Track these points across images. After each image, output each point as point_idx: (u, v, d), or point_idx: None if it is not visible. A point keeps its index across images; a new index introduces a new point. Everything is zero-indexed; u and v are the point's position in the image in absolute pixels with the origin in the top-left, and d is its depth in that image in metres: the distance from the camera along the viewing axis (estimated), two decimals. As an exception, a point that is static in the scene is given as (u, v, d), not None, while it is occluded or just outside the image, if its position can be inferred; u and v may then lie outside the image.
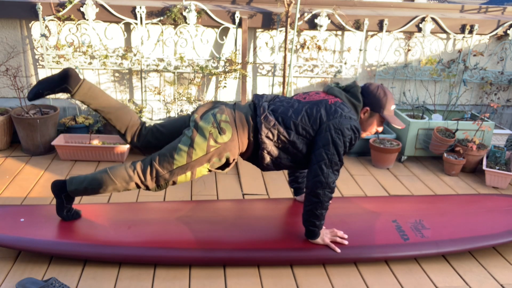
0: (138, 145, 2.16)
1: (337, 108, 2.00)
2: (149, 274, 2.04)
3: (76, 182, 2.10)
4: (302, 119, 2.00)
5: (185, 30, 3.49)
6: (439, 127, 3.46)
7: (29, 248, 2.04)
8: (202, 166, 2.00)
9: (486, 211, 2.56)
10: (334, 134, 1.95)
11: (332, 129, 1.95)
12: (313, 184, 1.99)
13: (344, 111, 1.99)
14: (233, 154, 2.02)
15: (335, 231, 2.19)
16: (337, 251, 2.11)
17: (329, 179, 1.98)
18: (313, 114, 1.99)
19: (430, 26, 3.65)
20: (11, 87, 3.51)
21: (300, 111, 2.01)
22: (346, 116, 1.97)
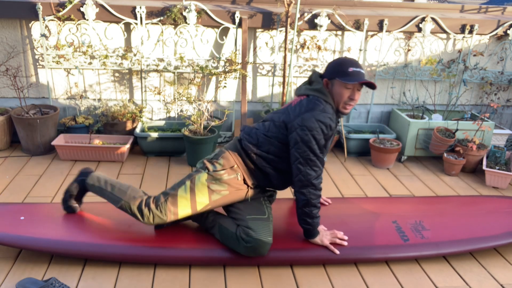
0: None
1: (297, 106, 2.05)
2: (149, 274, 2.04)
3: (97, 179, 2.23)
4: (269, 129, 2.09)
5: (185, 30, 3.49)
6: (439, 127, 3.46)
7: (29, 247, 2.04)
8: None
9: (486, 213, 2.55)
10: (300, 132, 1.98)
11: (297, 128, 1.98)
12: (296, 184, 2.03)
13: (305, 106, 2.02)
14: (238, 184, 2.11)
15: (335, 233, 2.19)
16: (336, 252, 2.11)
17: (308, 177, 1.99)
18: (278, 120, 2.08)
19: (430, 26, 3.65)
20: (11, 87, 3.51)
21: (267, 123, 2.13)
22: (308, 110, 2.00)
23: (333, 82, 2.03)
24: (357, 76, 1.96)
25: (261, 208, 2.13)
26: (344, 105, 2.04)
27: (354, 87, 2.00)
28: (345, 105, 2.04)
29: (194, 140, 3.17)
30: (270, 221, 2.08)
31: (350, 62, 2.00)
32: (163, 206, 2.03)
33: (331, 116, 2.01)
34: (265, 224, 2.04)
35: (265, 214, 2.10)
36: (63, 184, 2.88)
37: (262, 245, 1.99)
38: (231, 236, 2.03)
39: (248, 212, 2.08)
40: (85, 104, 3.62)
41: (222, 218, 2.13)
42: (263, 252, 2.01)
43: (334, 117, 2.04)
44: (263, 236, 1.99)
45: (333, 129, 2.02)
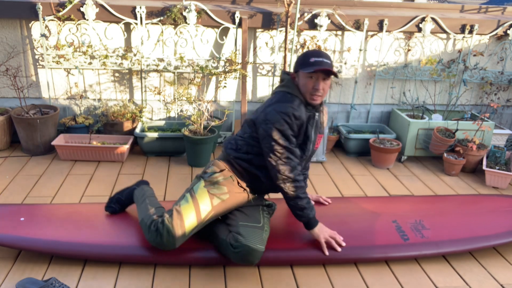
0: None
1: (264, 104, 2.09)
2: (149, 274, 2.04)
3: (141, 193, 2.32)
4: (245, 131, 2.14)
5: (185, 30, 3.49)
6: (439, 127, 3.46)
7: (29, 248, 2.04)
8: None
9: (486, 212, 2.55)
10: (264, 127, 1.99)
11: (262, 123, 2.01)
12: (274, 179, 2.05)
13: (269, 102, 2.07)
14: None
15: (335, 235, 2.17)
16: (325, 253, 2.10)
17: (282, 171, 1.99)
18: (248, 120, 2.13)
19: (430, 26, 3.65)
20: (11, 87, 3.51)
21: (243, 126, 2.18)
22: (271, 104, 2.03)
23: (298, 75, 2.05)
24: (318, 65, 1.95)
25: (257, 217, 2.10)
26: (310, 96, 2.03)
27: (318, 77, 1.99)
28: (311, 95, 2.03)
29: (194, 140, 3.17)
30: (264, 231, 2.05)
31: (312, 53, 2.01)
32: (169, 222, 1.98)
33: (295, 106, 2.00)
34: (257, 232, 2.01)
35: (259, 222, 2.07)
36: (63, 184, 2.88)
37: (251, 252, 1.92)
38: (222, 242, 2.01)
39: (242, 219, 2.06)
40: (85, 104, 3.62)
41: (216, 224, 2.11)
42: (253, 260, 1.95)
43: (300, 107, 2.02)
44: (252, 242, 1.94)
45: (300, 118, 2.00)
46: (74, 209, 2.39)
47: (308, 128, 2.07)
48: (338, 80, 3.82)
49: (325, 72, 1.97)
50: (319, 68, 1.94)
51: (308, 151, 2.12)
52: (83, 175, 3.03)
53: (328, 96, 3.88)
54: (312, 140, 2.12)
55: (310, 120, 2.07)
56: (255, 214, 2.12)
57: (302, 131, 2.05)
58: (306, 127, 2.05)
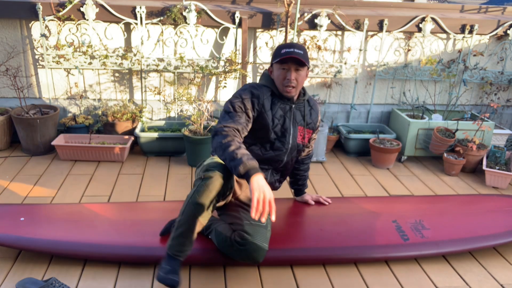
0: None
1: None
2: (149, 274, 2.04)
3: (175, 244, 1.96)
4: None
5: (185, 30, 3.49)
6: (439, 127, 3.46)
7: (29, 248, 2.04)
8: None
9: (486, 212, 2.56)
10: (224, 106, 2.05)
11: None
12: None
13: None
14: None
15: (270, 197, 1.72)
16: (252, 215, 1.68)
17: (216, 126, 1.95)
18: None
19: (430, 26, 3.65)
20: (11, 87, 3.51)
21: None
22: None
23: (273, 68, 2.10)
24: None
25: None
26: (283, 87, 2.06)
27: (290, 68, 2.02)
28: (283, 87, 2.06)
29: (194, 140, 3.17)
30: (268, 230, 2.06)
31: (284, 45, 2.04)
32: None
33: (257, 87, 2.07)
34: (262, 231, 2.01)
35: (263, 222, 2.08)
36: (63, 184, 2.88)
37: (257, 250, 1.94)
38: (225, 241, 1.99)
39: (246, 217, 2.05)
40: (85, 104, 3.62)
41: (219, 223, 2.10)
42: (258, 258, 1.96)
43: (263, 90, 2.06)
44: (258, 241, 1.95)
45: (257, 96, 2.03)
46: (74, 209, 2.39)
47: (285, 120, 2.11)
48: (338, 80, 3.82)
49: (297, 62, 2.00)
50: (286, 56, 1.97)
51: (288, 144, 2.14)
52: (83, 175, 3.03)
53: (328, 96, 3.88)
54: (291, 133, 2.14)
55: (286, 112, 2.11)
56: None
57: (259, 111, 2.05)
58: (274, 115, 2.07)
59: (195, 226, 1.87)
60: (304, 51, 2.03)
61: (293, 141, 2.17)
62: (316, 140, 3.40)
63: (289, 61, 2.00)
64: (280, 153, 2.15)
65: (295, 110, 2.16)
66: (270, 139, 2.11)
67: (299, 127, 2.19)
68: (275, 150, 2.14)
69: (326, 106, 3.88)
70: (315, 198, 2.60)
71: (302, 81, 2.07)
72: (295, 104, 2.16)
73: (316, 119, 2.28)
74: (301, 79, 2.06)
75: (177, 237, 1.89)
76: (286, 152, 2.16)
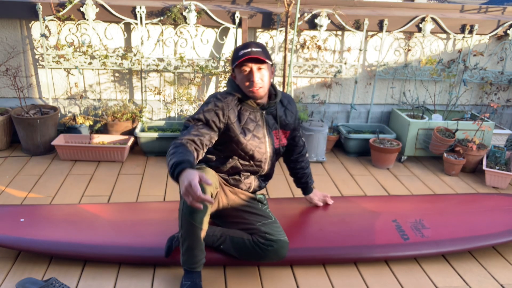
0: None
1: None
2: (149, 274, 2.04)
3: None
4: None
5: (185, 30, 3.49)
6: (439, 127, 3.46)
7: (29, 249, 2.04)
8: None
9: (486, 210, 2.55)
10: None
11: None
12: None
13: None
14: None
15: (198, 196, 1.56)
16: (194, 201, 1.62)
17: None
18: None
19: (430, 26, 3.65)
20: (11, 87, 3.51)
21: None
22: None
23: (235, 73, 1.96)
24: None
25: (266, 213, 2.11)
26: (249, 90, 1.93)
27: (251, 69, 1.89)
28: (249, 89, 1.92)
29: (194, 140, 3.17)
30: (278, 223, 2.07)
31: (240, 47, 1.92)
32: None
33: (220, 97, 1.94)
34: (276, 225, 2.03)
35: (271, 218, 2.08)
36: (63, 184, 2.88)
37: (284, 245, 1.95)
38: (247, 245, 1.97)
39: (256, 219, 2.04)
40: (85, 104, 3.62)
41: (231, 231, 2.07)
42: (285, 253, 1.96)
43: (228, 100, 1.93)
44: (281, 236, 1.97)
45: (221, 108, 1.90)
46: (74, 210, 2.39)
47: (259, 129, 2.00)
48: (338, 80, 3.82)
49: (257, 61, 1.87)
50: (243, 58, 1.85)
51: (266, 153, 2.05)
52: (83, 175, 3.03)
53: (328, 96, 3.88)
54: (267, 141, 2.04)
55: (258, 120, 2.00)
56: (262, 211, 2.12)
57: (225, 123, 1.93)
58: (244, 126, 1.97)
59: (199, 235, 1.86)
60: (262, 47, 1.92)
61: (271, 148, 2.08)
62: (316, 140, 3.40)
63: (248, 62, 1.87)
64: (260, 163, 2.07)
65: (267, 115, 2.04)
66: (246, 151, 2.01)
67: (274, 131, 2.08)
68: (255, 160, 2.05)
69: (326, 106, 3.88)
70: (323, 199, 2.54)
71: (268, 79, 1.95)
72: (266, 109, 2.03)
73: (293, 117, 2.16)
74: (267, 78, 1.93)
75: (186, 251, 1.89)
76: (266, 161, 2.08)
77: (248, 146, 2.00)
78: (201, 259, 1.93)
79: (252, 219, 2.05)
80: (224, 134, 1.97)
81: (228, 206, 2.11)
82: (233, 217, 2.10)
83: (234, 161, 2.05)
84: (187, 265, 1.92)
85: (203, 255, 1.93)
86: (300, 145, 2.33)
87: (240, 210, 2.10)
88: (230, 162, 2.04)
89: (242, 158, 2.05)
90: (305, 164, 2.39)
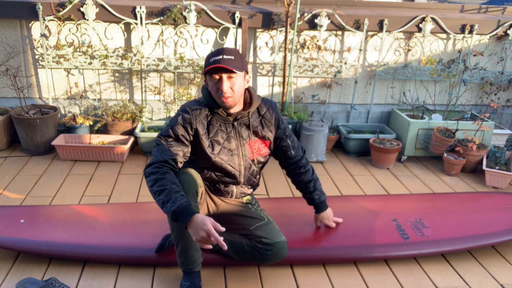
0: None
1: None
2: (149, 274, 2.04)
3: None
4: None
5: (185, 30, 3.49)
6: (439, 127, 3.46)
7: (29, 250, 2.04)
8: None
9: (486, 209, 2.55)
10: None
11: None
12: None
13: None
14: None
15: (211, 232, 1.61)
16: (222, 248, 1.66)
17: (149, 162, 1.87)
18: None
19: (430, 26, 3.65)
20: (11, 87, 3.51)
21: None
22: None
23: (207, 79, 1.87)
24: (213, 64, 1.78)
25: (257, 215, 2.08)
26: (218, 98, 1.83)
27: (221, 77, 1.79)
28: (218, 97, 1.83)
29: (194, 140, 3.17)
30: (272, 222, 2.05)
31: (213, 53, 1.83)
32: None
33: (190, 110, 1.87)
34: (271, 226, 2.01)
35: (264, 218, 2.06)
36: (63, 184, 2.88)
37: (282, 246, 1.93)
38: (246, 250, 1.96)
39: (248, 223, 2.02)
40: (85, 104, 3.62)
41: (229, 235, 2.03)
42: (284, 254, 1.95)
43: (196, 113, 1.87)
44: (278, 237, 1.95)
45: (188, 121, 1.85)
46: (74, 211, 2.39)
47: (230, 141, 1.93)
48: (338, 80, 3.82)
49: (226, 69, 1.77)
50: (211, 67, 1.76)
51: (240, 166, 1.98)
52: (83, 175, 3.03)
53: (328, 96, 3.88)
54: (239, 153, 1.96)
55: (230, 132, 1.93)
56: (254, 213, 2.10)
57: (193, 135, 1.89)
58: (213, 138, 1.90)
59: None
60: (235, 55, 1.81)
61: (245, 161, 1.99)
62: (316, 140, 3.40)
63: (218, 70, 1.78)
64: (234, 176, 1.99)
65: (239, 126, 1.94)
66: (216, 165, 1.93)
67: (248, 142, 1.98)
68: (227, 174, 1.98)
69: (326, 106, 3.88)
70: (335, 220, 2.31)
71: (240, 88, 1.83)
72: (238, 120, 1.93)
73: (271, 126, 2.02)
74: (238, 87, 1.82)
75: (181, 253, 1.88)
76: (240, 174, 2.00)
77: (218, 161, 1.92)
78: (198, 259, 1.92)
79: (244, 222, 2.03)
80: (195, 147, 1.92)
81: (218, 212, 2.09)
82: (226, 222, 2.06)
83: (209, 172, 1.99)
84: (185, 266, 1.92)
85: (199, 254, 1.92)
86: (292, 156, 2.13)
87: (231, 215, 2.08)
88: (205, 174, 1.99)
89: (216, 171, 1.98)
90: (306, 178, 2.17)
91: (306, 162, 2.17)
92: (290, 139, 2.10)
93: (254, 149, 2.00)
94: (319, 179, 2.23)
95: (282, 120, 2.06)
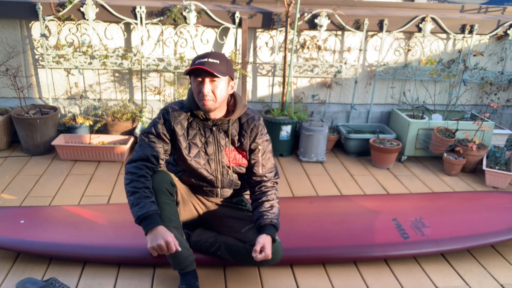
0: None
1: None
2: (149, 274, 2.04)
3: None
4: None
5: (185, 30, 3.49)
6: (439, 127, 3.46)
7: (29, 251, 2.04)
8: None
9: (486, 209, 2.55)
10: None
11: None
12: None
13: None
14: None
15: (167, 244, 1.72)
16: (154, 254, 1.76)
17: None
18: None
19: (430, 26, 3.65)
20: (11, 87, 3.51)
21: None
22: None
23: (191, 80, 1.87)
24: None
25: (248, 216, 2.06)
26: (199, 101, 1.83)
27: (203, 80, 1.78)
28: (199, 100, 1.82)
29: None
30: None
31: (199, 55, 1.82)
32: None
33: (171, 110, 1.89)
34: None
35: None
36: (63, 184, 2.88)
37: (277, 248, 1.88)
38: (242, 253, 1.93)
39: (240, 225, 2.01)
40: (85, 104, 3.62)
41: (224, 237, 2.02)
42: (279, 255, 1.91)
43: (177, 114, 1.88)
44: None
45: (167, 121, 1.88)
46: (74, 211, 2.39)
47: (208, 145, 1.93)
48: (338, 80, 3.82)
49: (209, 72, 1.75)
50: (193, 67, 1.76)
51: (216, 171, 1.97)
52: (83, 175, 3.03)
53: (328, 96, 3.88)
54: (215, 159, 1.95)
55: (208, 136, 1.92)
56: (244, 215, 2.07)
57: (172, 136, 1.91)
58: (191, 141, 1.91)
59: (175, 234, 1.82)
60: (221, 59, 1.79)
61: (222, 167, 1.97)
62: (316, 140, 3.40)
63: (202, 72, 1.77)
64: (210, 181, 1.99)
65: (217, 132, 1.92)
66: (192, 168, 1.94)
67: (225, 149, 1.95)
68: (203, 178, 1.98)
69: (326, 106, 3.88)
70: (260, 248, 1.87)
71: (222, 93, 1.81)
72: (217, 125, 1.92)
73: (249, 139, 1.96)
74: (220, 92, 1.80)
75: (169, 255, 1.83)
76: (217, 179, 1.99)
77: (193, 164, 1.92)
78: (188, 257, 1.89)
79: (236, 224, 2.01)
80: (174, 147, 1.94)
81: (208, 213, 2.09)
82: (218, 224, 2.07)
83: (188, 177, 2.01)
84: (178, 267, 1.90)
85: (188, 252, 1.89)
86: (257, 173, 1.99)
87: (222, 216, 2.07)
88: (185, 178, 2.02)
89: (192, 174, 1.98)
90: (262, 203, 1.96)
91: (273, 192, 2.00)
92: (263, 157, 1.99)
93: (231, 157, 1.97)
94: (279, 213, 2.00)
95: (262, 135, 1.99)
